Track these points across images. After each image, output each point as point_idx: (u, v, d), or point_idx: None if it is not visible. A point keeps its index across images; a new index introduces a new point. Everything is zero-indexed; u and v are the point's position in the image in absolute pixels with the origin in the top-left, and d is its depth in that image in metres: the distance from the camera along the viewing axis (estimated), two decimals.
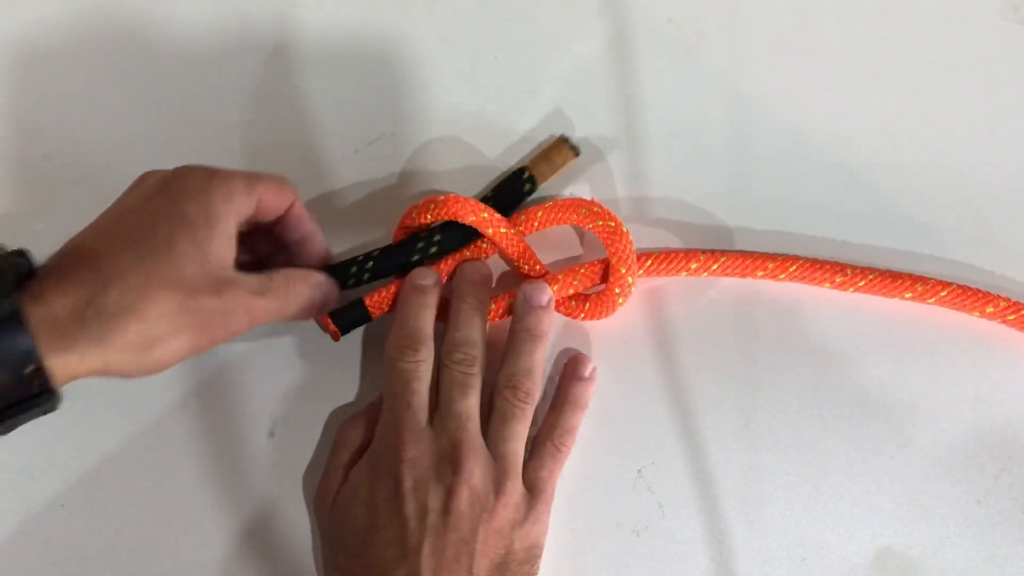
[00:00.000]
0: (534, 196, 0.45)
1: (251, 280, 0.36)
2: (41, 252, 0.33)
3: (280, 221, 0.39)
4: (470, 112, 0.46)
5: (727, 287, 0.45)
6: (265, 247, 0.41)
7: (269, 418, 0.44)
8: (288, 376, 0.44)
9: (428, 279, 0.42)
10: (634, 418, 0.43)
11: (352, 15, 0.47)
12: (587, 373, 0.43)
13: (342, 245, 0.45)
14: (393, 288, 0.42)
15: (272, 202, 0.38)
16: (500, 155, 0.46)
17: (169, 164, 0.45)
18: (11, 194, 0.46)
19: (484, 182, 0.46)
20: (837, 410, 0.43)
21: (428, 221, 0.42)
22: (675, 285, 0.45)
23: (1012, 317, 0.43)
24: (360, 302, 0.42)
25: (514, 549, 0.38)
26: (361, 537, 0.37)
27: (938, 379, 0.43)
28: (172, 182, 0.35)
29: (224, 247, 0.35)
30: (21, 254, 0.33)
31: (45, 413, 0.32)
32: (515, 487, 0.39)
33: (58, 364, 0.30)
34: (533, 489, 0.40)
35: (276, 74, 0.47)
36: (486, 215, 0.42)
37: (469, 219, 0.41)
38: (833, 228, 0.45)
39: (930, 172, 0.46)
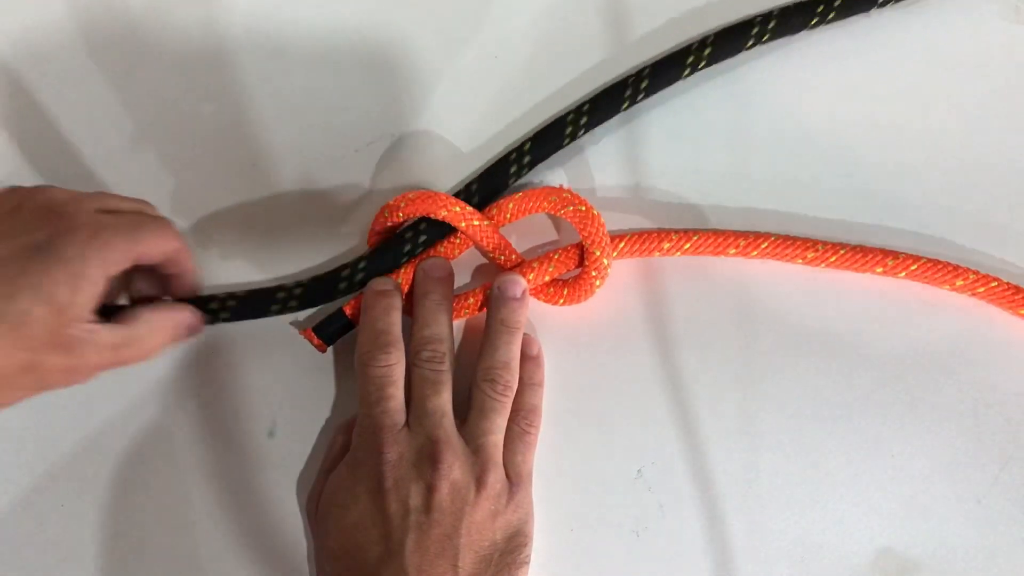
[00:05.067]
0: (514, 185, 0.45)
1: (108, 335, 0.35)
2: None
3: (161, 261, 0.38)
4: (470, 112, 0.46)
5: (726, 285, 0.45)
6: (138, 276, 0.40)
7: (269, 418, 0.44)
8: (288, 376, 0.44)
9: (387, 285, 0.42)
10: (634, 418, 0.43)
11: (352, 15, 0.47)
12: (535, 352, 0.43)
13: (342, 245, 0.45)
14: None
15: (153, 254, 0.37)
16: (501, 155, 0.46)
17: (168, 165, 0.46)
18: None
19: None
20: (837, 410, 0.43)
21: (400, 219, 0.42)
22: (674, 285, 0.45)
23: (982, 290, 0.43)
24: (340, 312, 0.42)
25: (497, 540, 0.38)
26: (345, 540, 0.37)
27: (937, 377, 0.43)
28: (51, 243, 0.33)
29: (85, 308, 0.34)
30: None
31: None
32: (497, 478, 0.39)
33: None
34: (510, 476, 0.40)
35: (276, 74, 0.47)
36: (458, 209, 0.42)
37: (441, 214, 0.42)
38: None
39: (926, 167, 0.46)
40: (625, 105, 0.45)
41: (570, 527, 0.43)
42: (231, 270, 0.45)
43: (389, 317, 0.41)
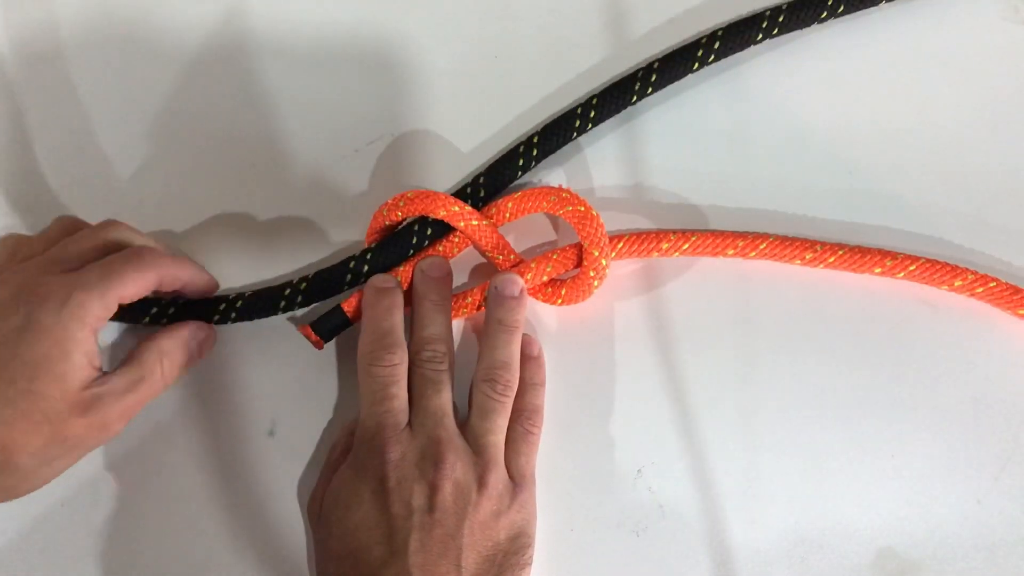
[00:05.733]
0: (517, 181, 0.45)
1: (120, 381, 0.37)
2: None
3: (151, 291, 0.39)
4: (470, 112, 0.46)
5: (727, 285, 0.45)
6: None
7: (269, 418, 0.44)
8: (288, 376, 0.44)
9: (389, 282, 0.42)
10: (634, 418, 0.43)
11: (351, 15, 0.47)
12: (535, 352, 0.43)
13: (342, 245, 0.45)
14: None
15: (136, 290, 0.37)
16: (508, 148, 0.46)
17: (167, 166, 0.46)
18: (11, 196, 0.46)
19: None
20: (837, 410, 0.43)
21: (399, 218, 0.42)
22: (674, 285, 0.45)
23: (980, 290, 0.43)
24: (339, 309, 0.42)
25: (501, 540, 0.38)
26: (348, 541, 0.37)
27: (937, 377, 0.43)
28: (28, 321, 0.34)
29: (85, 368, 0.35)
30: None
31: None
32: (498, 478, 0.39)
33: None
34: (513, 477, 0.40)
35: (276, 74, 0.47)
36: (456, 208, 0.42)
37: (440, 213, 0.42)
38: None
39: (925, 168, 0.46)
40: (634, 99, 0.45)
41: (570, 527, 0.43)
42: (231, 270, 0.44)
43: (392, 316, 0.41)
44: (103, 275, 0.36)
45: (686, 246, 0.43)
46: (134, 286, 0.37)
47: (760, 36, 0.45)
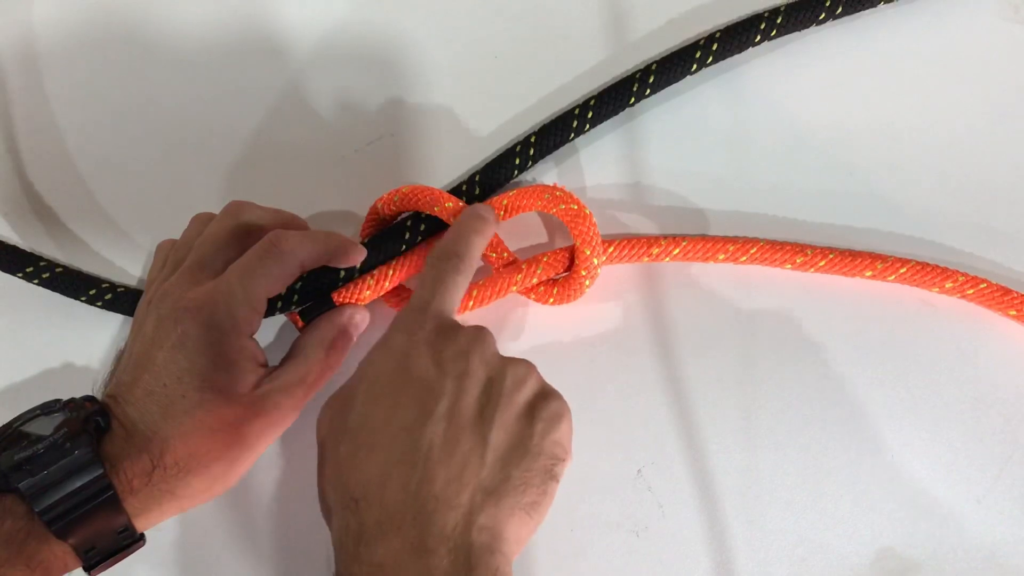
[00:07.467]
0: (513, 180, 0.45)
1: (287, 374, 0.38)
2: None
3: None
4: (470, 111, 0.46)
5: (726, 286, 0.45)
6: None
7: None
8: None
9: (489, 214, 0.41)
10: (634, 418, 0.43)
11: (352, 15, 0.47)
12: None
13: None
14: (359, 281, 0.43)
15: (280, 283, 0.37)
16: (505, 148, 0.46)
17: (169, 165, 0.46)
18: (11, 196, 0.46)
19: None
20: (837, 410, 0.43)
21: (393, 212, 0.42)
22: (674, 286, 0.45)
23: (971, 292, 0.43)
24: (329, 299, 0.42)
25: (536, 431, 0.34)
26: (380, 427, 0.34)
27: (937, 377, 0.43)
28: (186, 338, 0.35)
29: (250, 371, 0.36)
30: (92, 400, 0.35)
31: (134, 551, 0.36)
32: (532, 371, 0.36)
33: (141, 521, 0.34)
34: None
35: (276, 74, 0.47)
36: (450, 204, 0.42)
37: (434, 209, 0.42)
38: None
39: (925, 169, 0.46)
40: (632, 100, 0.45)
41: (570, 527, 0.42)
42: None
43: (480, 240, 0.40)
44: (243, 277, 0.36)
45: (676, 251, 0.43)
46: (276, 280, 0.37)
47: (758, 38, 0.45)
